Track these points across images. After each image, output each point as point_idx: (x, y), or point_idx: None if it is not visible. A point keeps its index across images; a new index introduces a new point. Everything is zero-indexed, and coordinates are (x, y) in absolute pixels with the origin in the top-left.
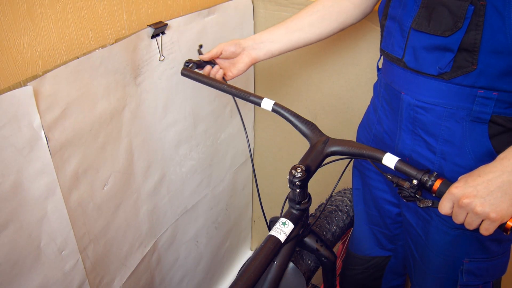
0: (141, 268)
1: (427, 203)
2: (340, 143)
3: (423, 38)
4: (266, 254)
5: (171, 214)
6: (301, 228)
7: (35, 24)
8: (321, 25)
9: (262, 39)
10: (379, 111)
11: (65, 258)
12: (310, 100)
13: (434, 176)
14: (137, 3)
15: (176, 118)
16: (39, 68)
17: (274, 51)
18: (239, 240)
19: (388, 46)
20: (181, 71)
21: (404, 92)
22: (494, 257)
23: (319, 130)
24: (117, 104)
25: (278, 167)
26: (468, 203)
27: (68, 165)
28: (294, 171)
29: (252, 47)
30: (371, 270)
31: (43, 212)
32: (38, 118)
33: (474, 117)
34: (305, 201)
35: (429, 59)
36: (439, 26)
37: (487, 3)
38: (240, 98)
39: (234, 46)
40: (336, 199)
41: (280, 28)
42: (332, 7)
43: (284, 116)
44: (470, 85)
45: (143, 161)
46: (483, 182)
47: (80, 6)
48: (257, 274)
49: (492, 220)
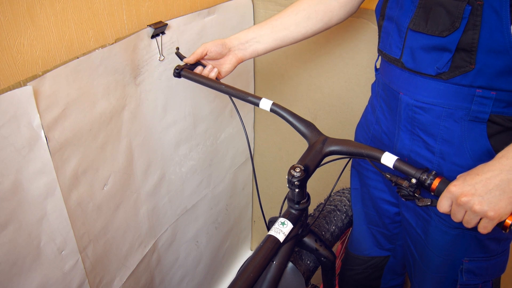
0: (141, 268)
1: (425, 202)
2: (339, 143)
3: (420, 39)
4: (265, 254)
5: (171, 214)
6: (300, 228)
7: (35, 24)
8: (306, 24)
9: (247, 38)
10: (377, 112)
11: (64, 258)
12: (311, 100)
13: (433, 175)
14: (137, 3)
15: (176, 118)
16: (39, 68)
17: (260, 50)
18: (239, 240)
19: (386, 46)
20: (180, 73)
21: (402, 92)
22: (494, 256)
23: (317, 130)
24: (117, 104)
25: (278, 167)
26: (466, 201)
27: (67, 165)
28: (293, 171)
29: (238, 48)
30: (370, 270)
31: (43, 212)
32: (37, 118)
33: (473, 117)
34: (304, 201)
35: (427, 59)
36: (436, 26)
37: (484, 3)
38: (238, 98)
39: (221, 46)
40: (334, 199)
41: (265, 27)
42: (317, 6)
43: (282, 116)
44: (468, 85)
45: (142, 161)
46: (481, 181)
47: (80, 6)
48: (256, 274)
49: (490, 218)
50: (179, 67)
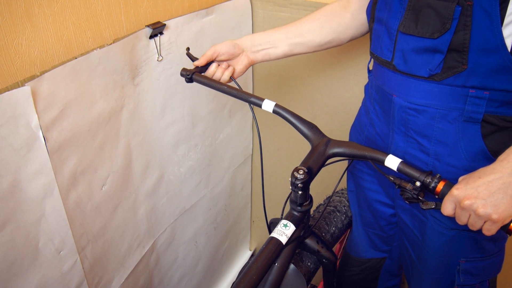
0: (140, 268)
1: (430, 205)
2: (342, 145)
3: (411, 41)
4: (267, 256)
5: (169, 215)
6: (302, 229)
7: (33, 25)
8: (320, 33)
9: (260, 41)
10: (371, 113)
11: (63, 258)
12: (309, 100)
13: (437, 178)
14: (136, 3)
15: (175, 118)
16: (37, 69)
17: (272, 54)
18: (238, 241)
19: (377, 49)
20: (192, 78)
21: (395, 94)
22: (490, 256)
23: (320, 132)
24: (115, 104)
25: (277, 167)
26: (470, 204)
27: (66, 165)
28: (296, 173)
29: (250, 49)
30: (366, 272)
31: (41, 212)
32: (36, 118)
33: (467, 117)
34: (306, 203)
35: (419, 61)
36: (427, 28)
37: (474, 3)
38: (241, 99)
39: (232, 47)
40: (334, 200)
41: (280, 31)
42: (331, 16)
43: (285, 117)
44: (461, 85)
45: (141, 161)
46: (483, 184)
47: (78, 6)
48: (259, 277)
49: (494, 221)
50: (189, 71)
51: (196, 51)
